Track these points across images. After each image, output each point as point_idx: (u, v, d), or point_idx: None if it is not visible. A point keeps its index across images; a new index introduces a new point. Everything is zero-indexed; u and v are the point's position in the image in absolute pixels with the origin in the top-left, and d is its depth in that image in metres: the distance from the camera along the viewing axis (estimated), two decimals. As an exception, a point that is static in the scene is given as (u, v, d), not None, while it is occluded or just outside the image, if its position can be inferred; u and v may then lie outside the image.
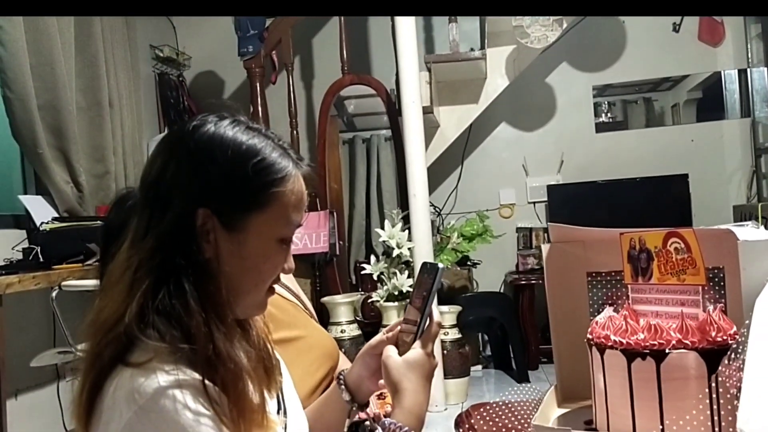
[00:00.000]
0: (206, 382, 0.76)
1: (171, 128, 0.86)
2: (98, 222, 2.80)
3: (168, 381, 0.74)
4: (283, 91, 3.88)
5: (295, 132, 3.86)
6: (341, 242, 3.88)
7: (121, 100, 3.47)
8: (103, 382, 0.77)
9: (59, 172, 3.02)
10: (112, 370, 0.77)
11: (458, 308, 3.45)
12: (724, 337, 0.91)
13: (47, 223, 2.75)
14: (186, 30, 4.49)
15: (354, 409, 1.04)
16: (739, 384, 0.77)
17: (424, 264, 0.98)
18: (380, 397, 1.25)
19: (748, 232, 0.96)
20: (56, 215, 2.94)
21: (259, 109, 3.80)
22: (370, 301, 3.46)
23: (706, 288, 1.00)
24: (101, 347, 0.78)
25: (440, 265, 0.95)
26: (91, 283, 2.40)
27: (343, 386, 1.05)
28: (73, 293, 2.46)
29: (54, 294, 2.41)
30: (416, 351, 0.95)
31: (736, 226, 1.02)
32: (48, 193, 3.02)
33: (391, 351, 0.96)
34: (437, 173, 4.22)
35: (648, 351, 0.93)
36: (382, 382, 0.99)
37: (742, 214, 3.56)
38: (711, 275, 1.00)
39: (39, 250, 2.66)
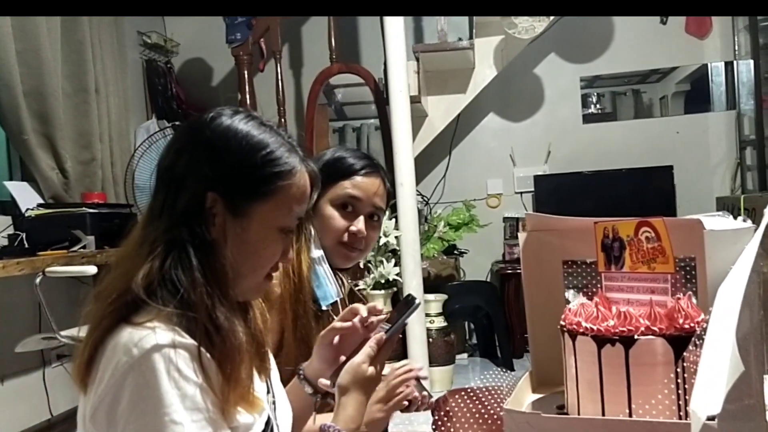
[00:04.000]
0: (201, 349, 0.81)
1: (186, 120, 0.94)
2: (83, 208, 2.79)
3: (165, 340, 0.79)
4: (272, 79, 3.88)
5: (283, 120, 3.86)
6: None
7: (107, 86, 3.46)
8: (105, 338, 0.82)
9: (45, 159, 3.01)
10: (115, 328, 0.82)
11: (444, 296, 3.48)
12: (692, 324, 0.93)
13: (32, 209, 2.75)
14: (174, 17, 4.47)
15: (318, 400, 1.08)
16: (702, 369, 0.79)
17: (409, 295, 1.10)
18: None
19: (716, 222, 0.98)
20: (42, 201, 2.94)
21: (247, 96, 3.79)
22: (357, 289, 3.48)
23: (675, 276, 1.02)
24: (108, 310, 0.83)
25: (418, 301, 1.07)
26: (76, 269, 2.40)
27: (303, 380, 1.09)
28: (58, 279, 2.47)
29: (38, 280, 2.41)
30: (371, 368, 1.02)
31: (706, 216, 1.04)
32: (34, 180, 3.01)
33: (360, 357, 1.01)
34: (425, 162, 4.24)
35: (617, 337, 0.95)
36: (323, 380, 1.06)
37: (726, 206, 3.60)
38: (683, 264, 1.02)
39: (24, 236, 2.67)
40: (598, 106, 4.43)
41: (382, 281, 3.32)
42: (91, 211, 2.79)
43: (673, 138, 4.29)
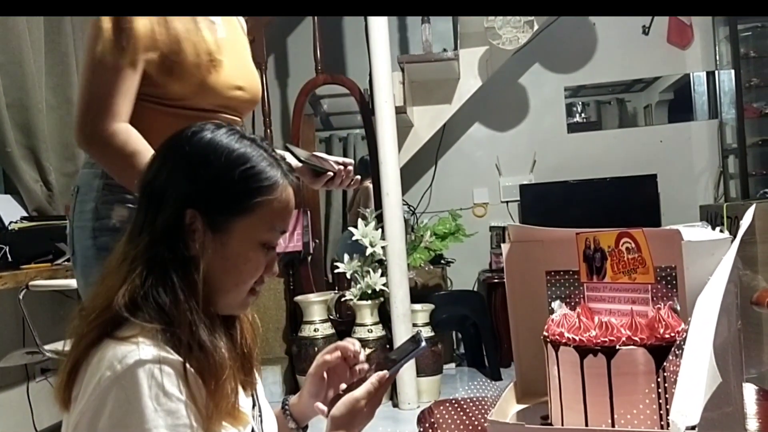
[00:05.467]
0: (186, 365, 0.81)
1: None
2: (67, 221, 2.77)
3: (149, 355, 0.79)
4: (257, 90, 3.87)
5: (269, 131, 3.86)
6: (316, 241, 3.89)
7: (92, 98, 3.44)
8: (87, 354, 0.82)
9: (28, 171, 2.99)
10: (99, 343, 0.82)
11: (431, 306, 3.48)
12: (672, 334, 0.94)
13: (16, 222, 2.73)
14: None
15: None
16: (682, 379, 0.80)
17: (417, 334, 1.07)
18: None
19: (695, 232, 0.99)
20: (25, 215, 2.92)
21: (233, 108, 3.78)
22: (343, 299, 3.48)
23: (656, 286, 1.03)
24: (90, 327, 0.84)
25: (423, 344, 1.03)
26: (59, 282, 2.39)
27: (288, 415, 1.09)
28: (42, 293, 2.45)
29: (22, 294, 2.39)
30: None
31: (686, 226, 1.06)
32: (17, 192, 2.99)
33: (359, 392, 0.97)
34: (412, 172, 4.25)
35: (599, 347, 0.96)
36: (319, 405, 1.03)
37: (709, 214, 3.64)
38: (664, 274, 1.03)
39: (7, 250, 2.64)
40: (582, 115, 4.46)
41: (369, 292, 3.33)
42: (76, 223, 2.77)
43: (656, 147, 4.33)
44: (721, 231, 1.02)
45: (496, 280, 3.92)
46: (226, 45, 1.34)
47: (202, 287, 0.86)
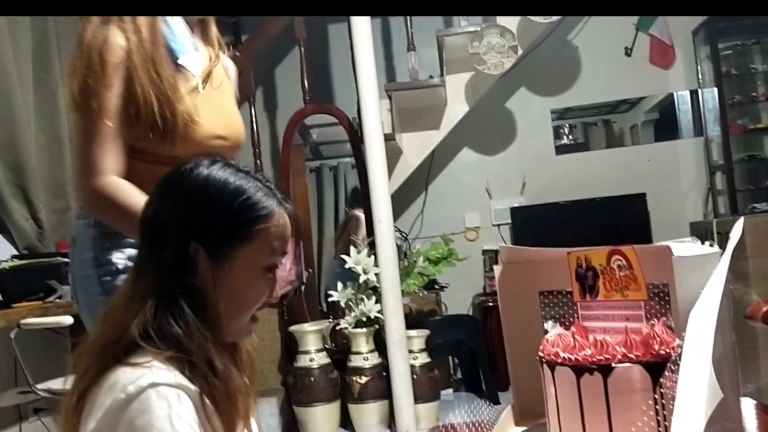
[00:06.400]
0: (203, 395, 0.83)
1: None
2: (58, 258, 2.77)
3: (163, 378, 0.80)
4: (246, 122, 3.87)
5: (258, 161, 3.87)
6: (309, 270, 3.88)
7: (81, 134, 3.45)
8: (96, 382, 0.83)
9: (18, 209, 2.98)
10: (110, 370, 0.83)
11: (426, 332, 3.46)
12: (667, 350, 0.94)
13: (6, 261, 2.72)
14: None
15: None
16: (679, 394, 0.80)
17: None
18: None
19: (685, 248, 1.00)
20: (16, 253, 2.90)
21: (223, 140, 3.79)
22: (338, 328, 3.46)
23: (649, 303, 1.03)
24: (98, 358, 0.85)
25: None
26: (51, 320, 2.37)
27: None
28: (34, 331, 2.42)
29: (13, 333, 2.36)
30: None
31: (676, 242, 1.06)
32: (7, 231, 2.98)
33: None
34: (402, 198, 4.26)
35: (595, 366, 0.96)
36: None
37: (699, 231, 3.66)
38: (656, 290, 1.04)
39: (-2, 289, 2.62)
40: (570, 137, 4.51)
41: (364, 319, 3.31)
42: (67, 260, 2.75)
43: (644, 166, 4.37)
44: (711, 245, 1.03)
45: (490, 304, 3.91)
46: (204, 100, 1.34)
47: (210, 316, 0.89)
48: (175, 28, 1.33)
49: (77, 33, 1.27)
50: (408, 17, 3.77)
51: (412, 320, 3.60)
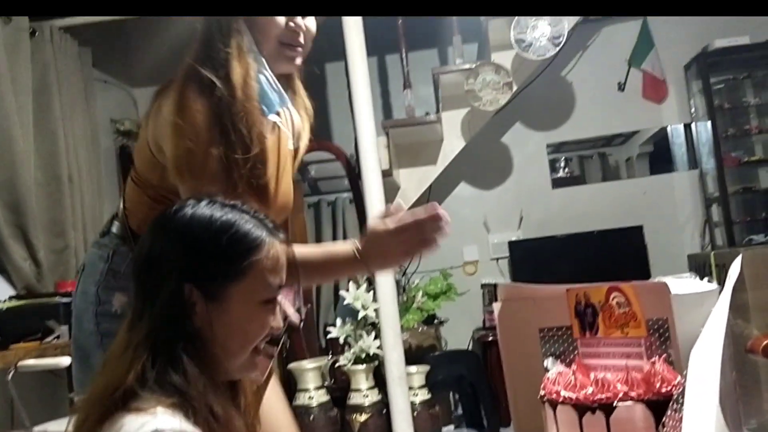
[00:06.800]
0: None
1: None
2: (57, 298, 2.76)
3: (168, 425, 0.79)
4: (245, 159, 3.91)
5: (257, 199, 3.88)
6: (308, 305, 3.86)
7: (81, 174, 3.47)
8: (99, 427, 0.81)
9: (17, 249, 2.98)
10: (110, 416, 0.81)
11: (426, 368, 3.44)
12: (669, 388, 0.95)
13: (4, 301, 2.71)
14: (147, 102, 4.53)
15: None
16: (682, 433, 0.80)
17: None
18: None
19: (683, 284, 1.01)
20: (13, 293, 2.90)
21: (221, 177, 3.82)
22: (337, 365, 3.43)
23: (649, 339, 1.04)
24: (99, 404, 0.83)
25: None
26: (48, 362, 2.35)
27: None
28: (31, 373, 2.40)
29: (10, 375, 2.35)
30: None
31: (674, 278, 1.07)
32: (5, 271, 2.97)
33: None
34: (400, 234, 4.26)
35: (597, 405, 0.96)
36: None
37: (697, 263, 3.66)
38: (656, 326, 1.04)
39: (-4, 330, 2.61)
40: (566, 170, 4.54)
41: (363, 356, 3.29)
42: (65, 300, 2.75)
43: (640, 198, 4.39)
44: (709, 281, 1.04)
45: (490, 338, 3.89)
46: (286, 161, 1.36)
47: (210, 357, 0.88)
48: (266, 83, 1.32)
49: (174, 96, 1.23)
50: (404, 55, 3.83)
51: (411, 356, 3.57)
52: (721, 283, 1.01)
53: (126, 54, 4.53)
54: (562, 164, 4.53)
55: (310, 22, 1.38)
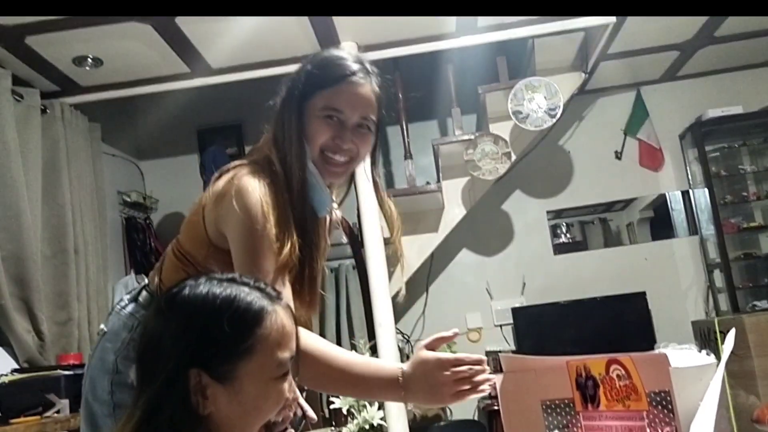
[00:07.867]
0: None
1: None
2: (58, 371, 2.74)
3: None
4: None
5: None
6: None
7: (86, 246, 3.50)
8: None
9: (21, 322, 2.98)
10: None
11: (431, 440, 3.38)
12: (672, 462, 0.94)
13: (6, 375, 2.69)
14: (153, 175, 4.63)
15: None
16: None
17: None
18: None
19: (683, 356, 1.02)
20: (16, 366, 2.88)
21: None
22: (341, 437, 3.37)
23: (652, 412, 1.04)
24: None
25: None
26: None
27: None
28: (31, 449, 2.37)
29: (10, 451, 2.31)
30: None
31: (675, 349, 1.08)
32: (8, 344, 2.97)
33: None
34: (403, 301, 4.26)
35: (601, 480, 0.95)
36: None
37: (701, 330, 3.64)
38: (659, 398, 1.05)
39: (-3, 404, 2.58)
40: (567, 235, 4.57)
41: (367, 427, 3.23)
42: (66, 373, 2.73)
43: (642, 264, 4.40)
44: (708, 354, 1.05)
45: (496, 408, 3.83)
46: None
47: None
48: (316, 182, 1.35)
49: (237, 196, 1.20)
50: (404, 127, 3.93)
51: (416, 427, 3.52)
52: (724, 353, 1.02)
53: (134, 128, 4.65)
54: (564, 229, 4.57)
55: (359, 140, 1.38)
